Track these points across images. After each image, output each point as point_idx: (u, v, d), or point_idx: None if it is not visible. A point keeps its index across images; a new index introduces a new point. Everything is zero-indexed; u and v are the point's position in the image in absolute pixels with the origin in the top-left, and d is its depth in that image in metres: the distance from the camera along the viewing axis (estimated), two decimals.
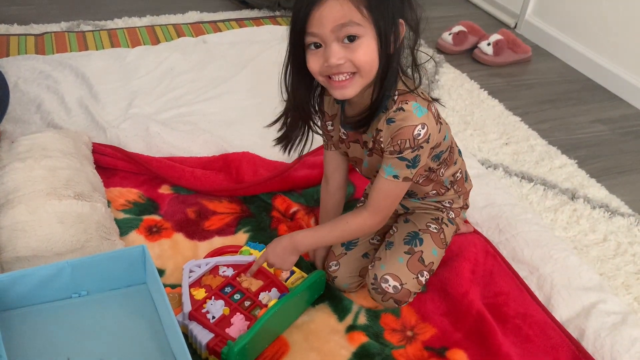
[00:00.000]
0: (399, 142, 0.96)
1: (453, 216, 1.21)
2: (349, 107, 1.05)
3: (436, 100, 1.05)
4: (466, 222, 1.37)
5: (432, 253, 1.15)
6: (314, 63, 0.93)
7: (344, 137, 1.11)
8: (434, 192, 1.16)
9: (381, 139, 1.00)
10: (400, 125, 0.96)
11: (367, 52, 0.90)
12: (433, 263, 1.15)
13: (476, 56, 2.26)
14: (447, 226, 1.19)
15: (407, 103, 0.96)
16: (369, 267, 1.16)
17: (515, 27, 2.55)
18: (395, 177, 1.00)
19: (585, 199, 1.56)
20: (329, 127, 1.11)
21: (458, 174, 1.17)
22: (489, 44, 2.23)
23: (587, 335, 1.14)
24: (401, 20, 0.92)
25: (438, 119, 1.02)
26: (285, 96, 1.02)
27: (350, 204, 1.37)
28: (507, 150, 1.74)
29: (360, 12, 0.88)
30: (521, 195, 1.56)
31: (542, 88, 2.14)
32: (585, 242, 1.44)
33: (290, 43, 0.95)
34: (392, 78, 0.95)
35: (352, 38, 0.89)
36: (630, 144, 1.87)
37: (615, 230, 1.47)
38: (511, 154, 1.73)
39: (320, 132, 1.13)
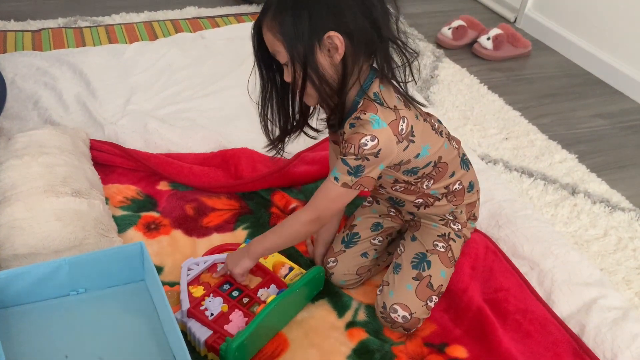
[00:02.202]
0: (346, 145, 0.96)
1: (460, 228, 1.19)
2: None
3: (421, 104, 1.03)
4: None
5: (441, 275, 1.13)
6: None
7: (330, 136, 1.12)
8: (421, 200, 1.13)
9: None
10: (355, 130, 0.96)
11: (291, 74, 0.95)
12: (442, 285, 1.13)
13: (476, 51, 2.25)
14: (455, 241, 1.17)
15: (365, 113, 0.96)
16: (377, 293, 1.14)
17: (515, 21, 2.54)
18: (336, 179, 0.99)
19: (585, 194, 1.56)
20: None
21: (456, 186, 1.13)
22: (488, 39, 2.22)
23: (588, 331, 1.14)
24: (332, 33, 0.90)
25: (408, 136, 0.99)
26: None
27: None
28: (507, 145, 1.74)
29: (277, 38, 0.93)
30: (521, 191, 1.56)
31: (542, 83, 2.13)
32: (585, 237, 1.43)
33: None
34: (344, 85, 0.95)
35: (284, 63, 0.96)
36: (630, 138, 1.86)
37: (615, 225, 1.47)
38: (511, 149, 1.72)
39: (313, 133, 1.12)
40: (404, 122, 0.98)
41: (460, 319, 1.16)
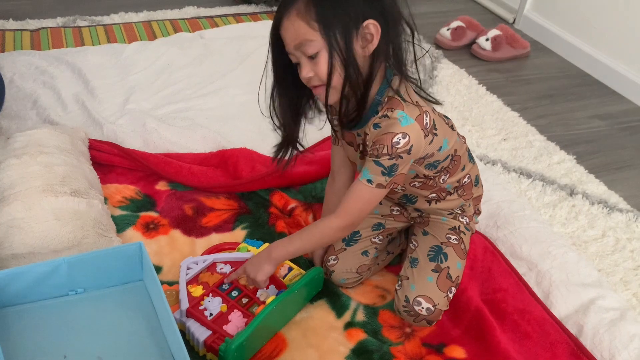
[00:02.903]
0: (377, 147, 0.96)
1: (467, 221, 1.20)
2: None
3: (436, 102, 1.03)
4: None
5: (457, 267, 1.14)
6: (299, 75, 0.97)
7: (342, 136, 1.11)
8: (434, 195, 1.14)
9: (367, 143, 1.00)
10: (384, 131, 0.96)
11: (327, 65, 0.92)
12: (459, 277, 1.14)
13: (474, 52, 2.26)
14: (465, 234, 1.18)
15: (392, 111, 0.96)
16: (397, 288, 1.14)
17: (513, 22, 2.54)
18: (369, 181, 0.99)
19: (583, 195, 1.56)
20: (335, 122, 1.11)
21: (465, 179, 1.15)
22: (487, 40, 2.22)
23: (586, 332, 1.14)
24: (371, 21, 0.90)
25: (432, 130, 1.00)
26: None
27: None
28: (505, 146, 1.74)
29: (312, 26, 0.90)
30: (520, 191, 1.56)
31: (541, 83, 2.14)
32: (583, 238, 1.44)
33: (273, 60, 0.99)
34: (371, 79, 0.95)
35: (312, 55, 0.92)
36: (628, 139, 1.86)
37: (613, 226, 1.47)
38: (510, 150, 1.73)
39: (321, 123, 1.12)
40: (427, 116, 0.98)
41: (459, 319, 1.16)
